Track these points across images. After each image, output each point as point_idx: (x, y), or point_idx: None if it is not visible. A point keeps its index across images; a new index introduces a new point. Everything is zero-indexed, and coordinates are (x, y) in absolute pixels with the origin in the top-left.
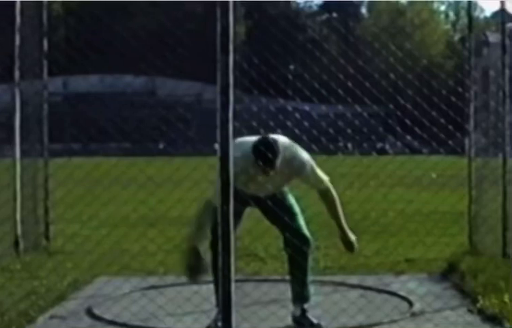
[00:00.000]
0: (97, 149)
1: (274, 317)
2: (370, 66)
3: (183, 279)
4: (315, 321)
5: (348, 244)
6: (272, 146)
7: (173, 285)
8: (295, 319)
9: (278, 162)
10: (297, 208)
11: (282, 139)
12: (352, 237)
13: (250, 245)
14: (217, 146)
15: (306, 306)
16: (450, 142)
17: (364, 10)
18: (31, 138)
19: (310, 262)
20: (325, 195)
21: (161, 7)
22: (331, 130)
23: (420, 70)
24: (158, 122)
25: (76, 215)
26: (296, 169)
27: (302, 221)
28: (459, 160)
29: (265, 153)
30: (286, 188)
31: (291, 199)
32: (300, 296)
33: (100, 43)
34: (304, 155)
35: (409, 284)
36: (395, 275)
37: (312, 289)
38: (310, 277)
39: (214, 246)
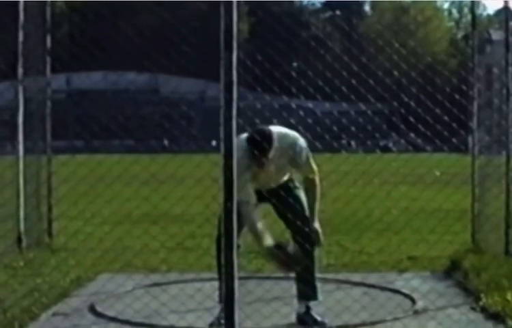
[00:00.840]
0: (100, 146)
1: (277, 314)
2: (373, 64)
3: (186, 276)
4: (319, 319)
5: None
6: (266, 135)
7: (175, 282)
8: (299, 316)
9: (273, 151)
10: (305, 204)
11: (278, 129)
12: (318, 227)
13: (253, 243)
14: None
15: (310, 304)
16: (453, 140)
17: (367, 8)
18: (34, 135)
19: (316, 261)
20: (311, 182)
21: (165, 5)
22: (335, 128)
23: (423, 67)
24: (161, 120)
25: (79, 212)
26: (292, 157)
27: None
28: (463, 158)
29: (259, 142)
30: (297, 183)
31: (301, 194)
32: (304, 294)
33: (103, 40)
34: (302, 143)
35: (412, 282)
36: (398, 273)
37: (319, 287)
38: (316, 275)
39: (218, 242)
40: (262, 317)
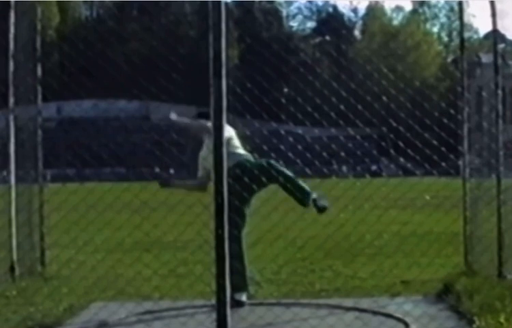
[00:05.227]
0: (92, 174)
1: None
2: (363, 89)
3: (179, 303)
4: None
5: None
6: None
7: (168, 309)
8: None
9: None
10: None
11: None
12: None
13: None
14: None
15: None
16: (443, 164)
17: (357, 32)
18: (26, 164)
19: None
20: None
21: (154, 32)
22: (324, 154)
23: (413, 91)
24: (151, 147)
25: (71, 240)
26: None
27: None
28: (453, 181)
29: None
30: None
31: None
32: None
33: (93, 68)
34: None
35: (404, 306)
36: (391, 297)
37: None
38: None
39: None
40: None
